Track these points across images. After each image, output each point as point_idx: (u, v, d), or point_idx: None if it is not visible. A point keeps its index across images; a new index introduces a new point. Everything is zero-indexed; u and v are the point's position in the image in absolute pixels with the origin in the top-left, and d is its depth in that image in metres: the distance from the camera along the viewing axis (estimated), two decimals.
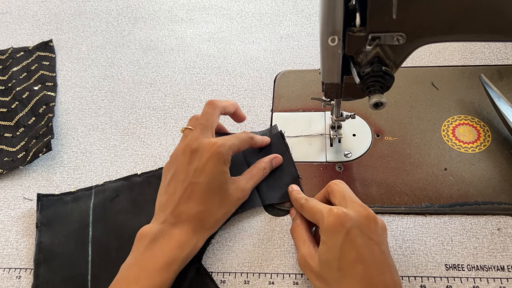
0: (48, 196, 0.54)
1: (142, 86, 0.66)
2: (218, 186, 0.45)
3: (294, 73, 0.64)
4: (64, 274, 0.48)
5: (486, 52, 0.63)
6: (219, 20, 0.74)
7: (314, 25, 0.71)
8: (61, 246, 0.50)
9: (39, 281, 0.47)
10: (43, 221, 0.52)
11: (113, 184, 0.54)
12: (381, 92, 0.39)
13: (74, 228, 0.51)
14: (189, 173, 0.45)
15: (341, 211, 0.40)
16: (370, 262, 0.38)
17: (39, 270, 0.48)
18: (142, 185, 0.54)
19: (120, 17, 0.76)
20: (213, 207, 0.45)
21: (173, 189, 0.45)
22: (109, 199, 0.53)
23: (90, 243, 0.50)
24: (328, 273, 0.39)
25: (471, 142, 0.53)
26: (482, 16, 0.35)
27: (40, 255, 0.49)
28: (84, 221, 0.51)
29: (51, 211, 0.52)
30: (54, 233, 0.51)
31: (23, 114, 0.63)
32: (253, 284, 0.46)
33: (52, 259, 0.49)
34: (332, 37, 0.38)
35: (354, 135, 0.56)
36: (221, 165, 0.45)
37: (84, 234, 0.50)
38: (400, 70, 0.41)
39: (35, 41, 0.74)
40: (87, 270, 0.48)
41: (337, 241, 0.39)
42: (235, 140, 0.47)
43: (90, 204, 0.53)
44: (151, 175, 0.54)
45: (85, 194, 0.54)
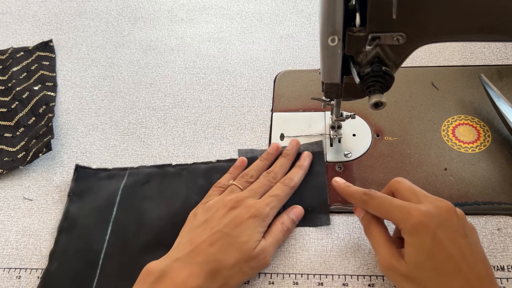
0: (85, 168, 0.56)
1: (142, 86, 0.66)
2: (242, 243, 0.43)
3: (294, 73, 0.64)
4: (80, 246, 0.49)
5: (486, 52, 0.63)
6: (219, 20, 0.74)
7: (314, 25, 0.71)
8: (85, 219, 0.51)
9: (57, 248, 0.49)
10: (75, 191, 0.54)
11: (147, 169, 0.55)
12: (381, 92, 0.39)
13: (100, 204, 0.52)
14: (222, 223, 0.44)
15: (423, 211, 0.38)
16: (460, 258, 0.37)
17: (60, 236, 0.50)
18: (174, 176, 0.54)
19: (120, 17, 0.76)
20: (229, 262, 0.42)
21: (200, 232, 0.44)
22: (140, 183, 0.54)
23: (111, 222, 0.51)
24: (420, 274, 0.38)
25: (471, 142, 0.53)
26: (482, 16, 0.35)
27: (65, 223, 0.51)
28: (111, 199, 0.52)
29: (84, 184, 0.54)
30: (82, 205, 0.52)
31: (23, 114, 0.63)
32: (253, 284, 0.46)
33: (73, 229, 0.50)
34: (332, 37, 0.38)
35: (354, 135, 0.56)
36: (255, 226, 0.44)
37: (108, 212, 0.51)
38: (400, 70, 0.41)
39: (35, 41, 0.74)
40: (102, 248, 0.49)
41: (425, 243, 0.38)
42: (276, 202, 0.46)
43: (121, 185, 0.54)
44: (184, 167, 0.55)
45: (119, 174, 0.55)
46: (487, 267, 0.38)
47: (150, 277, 0.40)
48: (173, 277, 0.39)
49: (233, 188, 0.49)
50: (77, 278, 0.47)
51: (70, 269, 0.48)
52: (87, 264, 0.48)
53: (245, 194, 0.47)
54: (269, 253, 0.44)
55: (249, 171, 0.51)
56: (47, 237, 0.51)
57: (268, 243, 0.44)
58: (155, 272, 0.40)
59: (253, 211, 0.44)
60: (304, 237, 0.48)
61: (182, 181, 0.53)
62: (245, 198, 0.46)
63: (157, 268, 0.40)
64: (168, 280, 0.39)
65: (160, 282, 0.39)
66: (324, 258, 0.47)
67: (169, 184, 0.53)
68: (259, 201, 0.46)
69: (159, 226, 0.49)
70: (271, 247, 0.45)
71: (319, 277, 0.45)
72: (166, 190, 0.53)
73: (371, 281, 0.45)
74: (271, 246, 0.45)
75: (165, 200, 0.52)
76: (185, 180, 0.53)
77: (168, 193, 0.52)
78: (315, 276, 0.46)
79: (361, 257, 0.46)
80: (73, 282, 0.47)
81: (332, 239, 0.48)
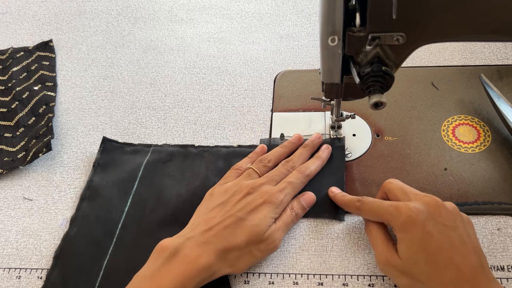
0: (111, 142, 0.58)
1: (142, 86, 0.66)
2: (253, 226, 0.44)
3: (294, 73, 0.64)
4: (99, 214, 0.51)
5: (486, 52, 0.63)
6: (219, 20, 0.74)
7: (314, 25, 0.71)
8: (107, 189, 0.53)
9: (78, 214, 0.52)
10: (100, 162, 0.56)
11: (170, 148, 0.57)
12: (381, 92, 0.39)
13: (123, 177, 0.54)
14: (236, 207, 0.45)
15: (411, 207, 0.40)
16: (451, 249, 0.38)
17: (81, 204, 0.52)
18: (195, 157, 0.56)
19: (120, 17, 0.76)
20: (239, 243, 0.43)
21: (215, 214, 0.45)
22: (162, 161, 0.55)
23: (132, 195, 0.53)
24: (415, 268, 0.39)
25: (471, 142, 0.53)
26: (482, 16, 0.35)
27: (87, 192, 0.53)
28: (134, 173, 0.54)
29: (110, 156, 0.57)
30: (105, 176, 0.55)
31: (23, 114, 0.63)
32: (253, 284, 0.46)
33: (95, 198, 0.53)
34: (332, 37, 0.38)
35: (354, 135, 0.56)
36: (268, 212, 0.45)
37: (129, 186, 0.53)
38: (400, 70, 0.41)
39: (35, 41, 0.74)
40: (120, 218, 0.51)
41: (415, 237, 0.39)
42: (290, 189, 0.47)
43: (144, 160, 0.56)
44: (206, 149, 0.57)
45: (143, 150, 0.57)
46: (480, 257, 0.39)
47: (165, 252, 0.42)
48: (186, 254, 0.41)
49: (250, 172, 0.50)
50: (94, 244, 0.49)
51: (89, 234, 0.50)
52: (105, 231, 0.50)
53: (261, 180, 0.48)
54: (278, 237, 0.45)
55: (267, 156, 0.52)
56: (47, 237, 0.51)
57: (278, 227, 0.45)
58: (169, 248, 0.42)
59: (267, 197, 0.45)
60: (304, 237, 0.48)
61: (203, 162, 0.55)
62: (261, 184, 0.47)
63: (172, 245, 0.42)
64: (181, 257, 0.41)
65: (174, 257, 0.41)
66: (324, 258, 0.47)
67: (190, 164, 0.55)
68: (274, 188, 0.47)
69: (176, 203, 0.51)
70: (281, 232, 0.46)
71: (319, 277, 0.45)
72: (187, 169, 0.54)
73: (371, 281, 0.45)
74: (281, 231, 0.46)
75: (185, 179, 0.53)
76: (205, 161, 0.55)
77: (189, 173, 0.54)
78: (315, 276, 0.45)
79: (361, 257, 0.46)
80: (91, 247, 0.49)
81: (332, 239, 0.48)
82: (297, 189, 0.49)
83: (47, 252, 0.50)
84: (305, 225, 0.49)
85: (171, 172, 0.54)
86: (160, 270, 0.41)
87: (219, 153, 0.56)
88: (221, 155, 0.56)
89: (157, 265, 0.41)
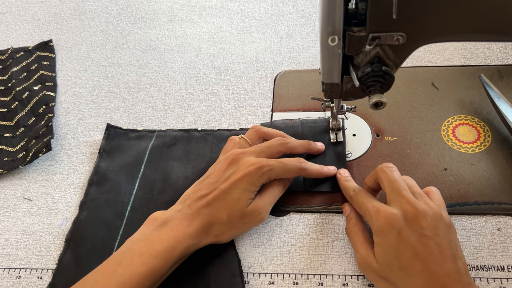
0: (115, 128, 0.60)
1: (142, 86, 0.66)
2: (234, 201, 0.45)
3: (294, 73, 0.64)
4: (109, 197, 0.53)
5: (486, 52, 0.63)
6: (219, 20, 0.74)
7: (314, 25, 0.71)
8: (114, 173, 0.55)
9: (87, 198, 0.53)
10: (105, 148, 0.58)
11: (174, 132, 0.58)
12: (381, 92, 0.39)
13: (129, 161, 0.56)
14: (220, 179, 0.46)
15: (388, 212, 0.40)
16: (427, 257, 0.38)
17: (90, 189, 0.54)
18: (198, 140, 0.57)
19: (120, 17, 0.76)
20: (222, 218, 0.44)
21: (201, 187, 0.47)
22: (167, 145, 0.57)
23: (139, 179, 0.54)
24: (390, 273, 0.40)
25: (471, 142, 0.53)
26: (482, 16, 0.35)
27: (95, 177, 0.55)
28: (140, 158, 0.56)
29: (115, 142, 0.58)
30: (112, 161, 0.56)
31: (23, 114, 0.63)
32: (253, 284, 0.46)
33: (103, 182, 0.54)
34: (332, 37, 0.38)
35: (354, 135, 0.56)
36: (247, 185, 0.45)
37: (136, 169, 0.55)
38: (400, 70, 0.41)
39: (35, 41, 0.74)
40: (129, 200, 0.52)
41: (390, 243, 0.39)
42: (278, 169, 0.46)
43: (149, 145, 0.57)
44: (209, 133, 0.58)
45: (147, 135, 0.59)
46: (457, 264, 0.38)
47: (156, 221, 0.44)
48: (175, 224, 0.44)
49: (241, 142, 0.50)
50: (105, 226, 0.50)
51: (99, 217, 0.51)
52: (114, 214, 0.51)
53: (249, 149, 0.48)
54: (263, 210, 0.46)
55: (263, 127, 0.52)
56: (47, 237, 0.51)
57: (264, 201, 0.46)
58: (160, 218, 0.44)
59: (248, 170, 0.45)
60: (304, 237, 0.48)
61: (207, 145, 0.57)
62: (247, 153, 0.47)
63: (163, 216, 0.45)
64: (170, 226, 0.43)
65: (163, 227, 0.43)
66: (324, 258, 0.47)
67: (195, 146, 0.57)
68: (258, 160, 0.46)
69: (183, 185, 0.52)
70: (267, 205, 0.47)
71: (319, 277, 0.45)
72: (192, 152, 0.56)
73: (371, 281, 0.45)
74: (267, 204, 0.47)
75: (191, 161, 0.55)
76: (209, 144, 0.57)
77: (193, 155, 0.56)
78: (315, 276, 0.46)
79: None
80: (101, 229, 0.50)
81: (332, 239, 0.48)
82: (285, 173, 0.47)
83: (47, 252, 0.50)
84: (305, 225, 0.49)
85: (176, 155, 0.56)
86: (152, 235, 0.43)
87: (222, 136, 0.57)
88: (224, 138, 0.56)
89: (148, 231, 0.43)
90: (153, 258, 0.41)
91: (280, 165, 0.46)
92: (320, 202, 0.50)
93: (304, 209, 0.50)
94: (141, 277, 0.40)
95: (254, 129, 0.52)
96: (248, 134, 0.51)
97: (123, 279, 0.40)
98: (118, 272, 0.40)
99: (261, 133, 0.51)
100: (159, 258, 0.41)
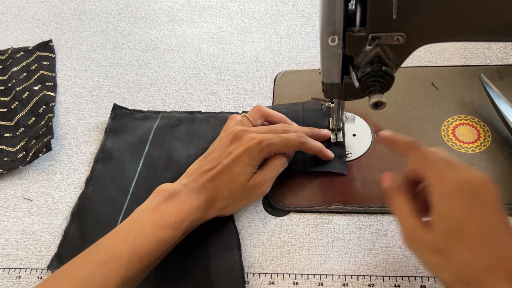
0: (122, 108, 0.62)
1: (142, 86, 0.66)
2: (236, 175, 0.46)
3: (294, 73, 0.64)
4: (114, 174, 0.55)
5: (486, 52, 0.63)
6: (219, 20, 0.74)
7: (314, 25, 0.71)
8: (119, 152, 0.57)
9: (93, 175, 0.55)
10: (112, 127, 0.60)
11: (178, 114, 0.60)
12: (381, 92, 0.39)
13: (134, 141, 0.58)
14: (223, 154, 0.47)
15: (460, 179, 0.35)
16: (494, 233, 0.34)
17: (96, 166, 0.56)
18: (202, 121, 0.59)
19: (120, 17, 0.76)
20: (224, 192, 0.46)
21: (205, 162, 0.48)
22: (171, 126, 0.59)
23: (143, 157, 0.56)
24: (447, 245, 0.35)
25: (471, 142, 0.53)
26: (482, 16, 0.35)
27: (101, 155, 0.57)
28: (144, 137, 0.58)
29: (121, 122, 0.60)
30: (117, 140, 0.58)
31: (23, 114, 0.63)
32: (253, 284, 0.46)
33: (109, 160, 0.56)
34: (332, 37, 0.38)
35: (354, 135, 0.56)
36: (248, 159, 0.46)
37: (141, 148, 0.57)
38: (400, 70, 0.41)
39: (35, 41, 0.74)
40: (133, 177, 0.54)
41: (456, 212, 0.35)
42: (278, 143, 0.47)
43: (154, 125, 0.59)
44: (212, 115, 0.60)
45: (152, 116, 0.61)
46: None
47: (164, 193, 0.45)
48: (182, 197, 0.45)
49: (243, 120, 0.52)
50: (109, 201, 0.52)
51: (104, 192, 0.53)
52: (119, 190, 0.53)
53: (251, 128, 0.49)
54: (265, 184, 0.48)
55: (265, 107, 0.53)
56: (47, 237, 0.51)
57: (265, 175, 0.48)
58: (168, 190, 0.46)
59: (249, 144, 0.46)
60: (304, 237, 0.48)
61: (210, 126, 0.58)
62: (249, 131, 0.48)
63: (170, 188, 0.46)
64: (178, 199, 0.45)
65: (171, 199, 0.45)
66: (324, 258, 0.47)
67: (198, 127, 0.59)
68: (258, 136, 0.47)
69: (186, 163, 0.52)
70: (268, 179, 0.48)
71: (319, 277, 0.45)
72: (195, 132, 0.58)
73: (371, 281, 0.45)
74: (268, 178, 0.48)
75: (193, 141, 0.57)
76: (212, 125, 0.58)
77: (196, 136, 0.58)
78: (315, 276, 0.46)
79: (361, 257, 0.46)
80: (106, 204, 0.52)
81: (332, 239, 0.48)
82: (284, 147, 0.48)
83: (47, 252, 0.50)
84: (305, 225, 0.49)
85: (180, 135, 0.58)
86: (160, 206, 0.44)
87: (224, 118, 0.57)
88: (226, 119, 0.56)
89: (157, 202, 0.45)
90: (163, 229, 0.43)
91: (280, 139, 0.48)
92: (320, 202, 0.50)
93: (304, 209, 0.50)
94: (152, 246, 0.42)
95: (256, 108, 0.53)
96: (251, 112, 0.52)
97: (135, 247, 0.41)
98: (130, 239, 0.41)
99: (263, 112, 0.52)
100: (169, 230, 0.43)
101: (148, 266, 0.42)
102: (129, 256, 0.40)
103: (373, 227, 0.48)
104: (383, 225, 0.48)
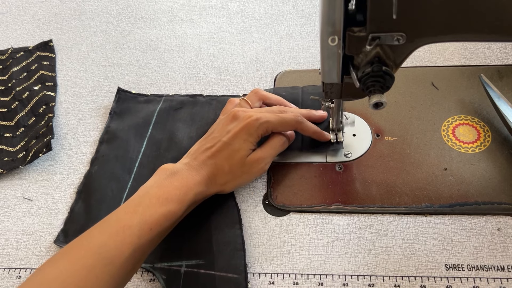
0: (125, 92, 0.64)
1: (142, 86, 0.66)
2: (235, 151, 0.48)
3: (294, 73, 0.64)
4: (118, 153, 0.57)
5: (486, 52, 0.63)
6: (219, 20, 0.74)
7: (314, 25, 0.71)
8: (123, 132, 0.59)
9: (98, 155, 0.57)
10: (116, 110, 0.62)
11: (180, 97, 0.62)
12: (381, 92, 0.39)
13: (138, 122, 0.60)
14: (223, 133, 0.49)
15: None
16: None
17: (100, 146, 0.58)
18: (204, 104, 0.61)
19: (120, 17, 0.76)
20: (224, 168, 0.48)
21: (205, 142, 0.50)
22: (174, 108, 0.61)
23: (147, 138, 0.58)
24: None
25: (471, 142, 0.53)
26: (482, 16, 0.35)
27: (105, 136, 0.59)
28: (148, 119, 0.60)
29: (125, 105, 0.62)
30: (121, 122, 0.60)
31: (23, 114, 0.63)
32: (253, 284, 0.46)
33: (113, 140, 0.58)
34: (332, 37, 0.38)
35: (354, 135, 0.56)
36: (246, 136, 0.48)
37: (144, 130, 0.59)
38: (400, 70, 0.41)
39: (35, 41, 0.74)
40: (137, 157, 0.56)
41: None
42: (275, 120, 0.50)
43: (157, 108, 0.61)
44: (213, 98, 0.62)
45: (155, 99, 0.63)
46: None
47: (167, 171, 0.47)
48: (184, 174, 0.47)
49: (241, 103, 0.53)
50: (114, 179, 0.54)
51: (109, 171, 0.55)
52: (123, 169, 0.55)
53: (250, 110, 0.51)
54: (263, 161, 0.50)
55: (263, 91, 0.55)
56: (47, 237, 0.51)
57: (263, 152, 0.50)
58: (170, 169, 0.48)
59: (247, 121, 0.49)
60: (304, 237, 0.48)
61: (211, 109, 0.60)
62: (247, 111, 0.50)
63: (172, 167, 0.48)
64: (180, 175, 0.47)
65: (174, 176, 0.47)
66: (324, 258, 0.47)
67: (200, 110, 0.61)
68: (256, 114, 0.50)
69: (188, 144, 0.55)
70: (267, 156, 0.50)
71: (319, 277, 0.45)
72: (197, 115, 0.60)
73: (371, 281, 0.45)
74: (267, 155, 0.50)
75: (195, 123, 0.59)
76: (213, 108, 0.60)
77: (198, 118, 0.60)
78: (315, 276, 0.46)
79: (361, 257, 0.46)
80: (111, 182, 0.54)
81: (332, 239, 0.48)
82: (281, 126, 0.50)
83: (47, 252, 0.50)
84: (305, 225, 0.49)
85: (182, 117, 0.60)
86: (164, 182, 0.46)
87: (225, 101, 0.57)
88: None
89: (161, 179, 0.47)
90: (169, 201, 0.44)
91: (277, 118, 0.50)
92: (320, 202, 0.50)
93: (304, 209, 0.50)
94: (161, 216, 0.43)
95: (254, 91, 0.55)
96: (249, 96, 0.54)
97: (144, 218, 0.42)
98: (139, 211, 0.43)
99: (261, 95, 0.54)
100: (175, 202, 0.45)
101: (157, 236, 0.43)
102: (140, 225, 0.42)
103: (373, 227, 0.48)
104: (383, 225, 0.48)
